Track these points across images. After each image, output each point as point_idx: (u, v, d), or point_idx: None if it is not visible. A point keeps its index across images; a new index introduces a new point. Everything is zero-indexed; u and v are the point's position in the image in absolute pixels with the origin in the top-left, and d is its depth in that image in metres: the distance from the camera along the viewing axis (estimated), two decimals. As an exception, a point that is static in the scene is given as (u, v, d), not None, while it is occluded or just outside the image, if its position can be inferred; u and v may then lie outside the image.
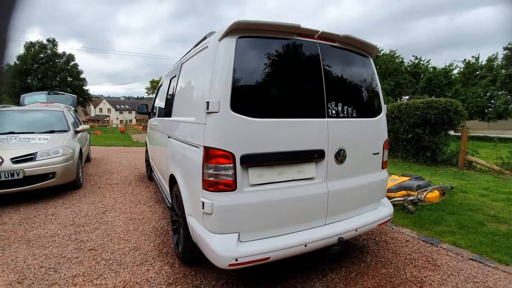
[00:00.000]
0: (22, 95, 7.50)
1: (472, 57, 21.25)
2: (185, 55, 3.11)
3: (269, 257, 1.90)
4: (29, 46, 33.62)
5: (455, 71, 21.80)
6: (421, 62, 23.76)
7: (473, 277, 2.39)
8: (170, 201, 3.28)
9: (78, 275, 2.44)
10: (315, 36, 2.20)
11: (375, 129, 2.54)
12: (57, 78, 36.03)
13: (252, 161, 1.90)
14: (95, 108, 65.93)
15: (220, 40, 1.94)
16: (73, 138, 5.22)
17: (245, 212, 1.91)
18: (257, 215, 1.94)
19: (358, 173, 2.40)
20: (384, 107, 2.65)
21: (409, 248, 2.92)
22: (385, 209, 2.62)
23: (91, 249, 2.90)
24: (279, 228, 2.03)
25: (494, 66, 19.66)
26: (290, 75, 2.10)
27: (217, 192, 1.87)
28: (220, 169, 1.85)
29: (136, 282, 2.33)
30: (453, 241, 3.00)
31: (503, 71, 18.68)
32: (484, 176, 5.89)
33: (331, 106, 2.20)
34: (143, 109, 5.18)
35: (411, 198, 3.90)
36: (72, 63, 37.78)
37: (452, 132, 7.21)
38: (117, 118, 65.61)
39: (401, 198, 3.90)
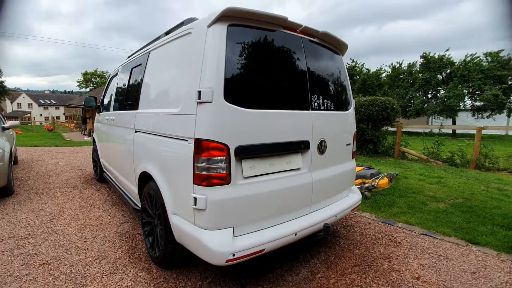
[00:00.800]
0: None
1: (397, 62, 24.45)
2: (153, 43, 2.86)
3: (264, 249, 1.90)
4: None
5: (384, 74, 24.82)
6: (357, 65, 26.43)
7: (427, 249, 2.78)
8: (136, 203, 3.00)
9: (34, 295, 2.07)
10: (298, 30, 2.26)
11: (347, 121, 2.73)
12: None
13: (246, 153, 1.87)
14: (12, 103, 55.86)
15: (209, 26, 1.84)
16: (1, 136, 4.35)
17: (240, 206, 1.87)
18: (250, 208, 1.92)
19: (335, 163, 2.56)
20: (352, 101, 2.87)
21: (372, 230, 3.24)
22: (355, 195, 2.85)
23: (43, 264, 2.48)
24: (271, 219, 2.04)
25: (413, 71, 23.01)
26: (278, 67, 2.11)
27: (211, 186, 1.78)
28: (213, 162, 1.77)
29: (111, 293, 2.08)
30: (405, 220, 3.43)
31: (420, 75, 22.00)
32: (416, 164, 6.85)
33: (314, 99, 2.29)
34: (91, 102, 4.60)
35: (367, 185, 4.32)
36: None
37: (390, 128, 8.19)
38: (41, 115, 56.92)
39: (359, 186, 4.28)
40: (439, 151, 7.27)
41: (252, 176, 1.93)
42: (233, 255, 1.76)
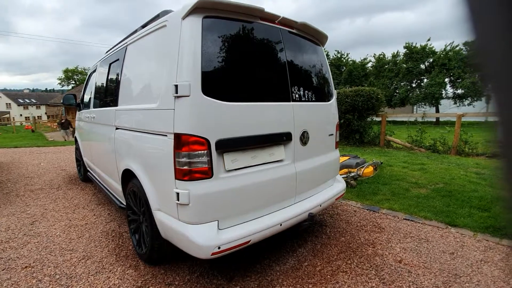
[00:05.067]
0: None
1: (381, 54, 24.81)
2: (129, 37, 2.78)
3: (250, 240, 1.92)
4: None
5: (369, 65, 25.18)
6: (343, 56, 26.65)
7: (409, 233, 2.87)
8: (121, 200, 2.96)
9: (16, 299, 2.03)
10: (276, 21, 2.25)
11: (329, 112, 2.76)
12: None
13: (228, 146, 1.86)
14: (-13, 103, 53.48)
15: (183, 18, 1.80)
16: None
17: (223, 199, 1.87)
18: (234, 200, 1.92)
19: (318, 153, 2.59)
20: (334, 92, 2.90)
21: (358, 217, 3.32)
22: (340, 184, 2.91)
23: (26, 267, 2.43)
24: (256, 211, 2.06)
25: (398, 61, 23.42)
26: (257, 59, 2.11)
27: (193, 181, 1.77)
28: (194, 157, 1.76)
29: (97, 292, 2.06)
30: (389, 206, 3.53)
31: (404, 65, 22.44)
32: (400, 152, 7.03)
33: (295, 90, 2.30)
34: (70, 100, 4.46)
35: (353, 174, 4.41)
36: None
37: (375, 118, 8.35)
38: (21, 115, 54.80)
39: (344, 175, 4.36)
40: (422, 139, 7.47)
41: (235, 169, 1.94)
42: (218, 248, 1.78)
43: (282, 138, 2.19)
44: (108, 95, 3.09)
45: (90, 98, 3.95)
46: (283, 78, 2.22)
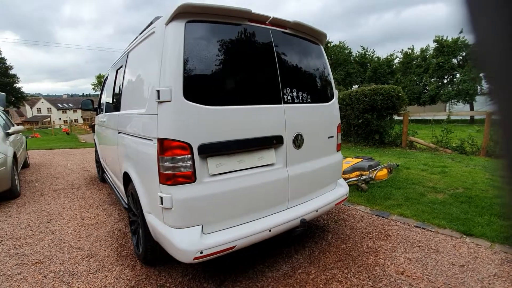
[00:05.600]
0: None
1: (408, 48, 23.50)
2: (131, 43, 2.88)
3: (235, 246, 1.89)
4: None
5: (396, 61, 23.96)
6: (367, 53, 25.63)
7: (418, 242, 2.68)
8: (126, 201, 3.07)
9: (22, 293, 2.17)
10: (267, 22, 2.20)
11: (328, 113, 2.65)
12: (-21, 75, 31.06)
13: (211, 150, 1.85)
14: (31, 108, 58.50)
15: (167, 24, 1.82)
16: (4, 142, 4.56)
17: (207, 204, 1.86)
18: (219, 205, 1.91)
19: (315, 157, 2.50)
20: (335, 92, 2.78)
21: (364, 223, 3.15)
22: (341, 189, 2.78)
23: (36, 263, 2.60)
24: (243, 216, 2.02)
25: (427, 56, 22.05)
26: (244, 62, 2.07)
27: (176, 185, 1.79)
28: (177, 161, 1.77)
29: (92, 290, 2.15)
30: (400, 212, 3.32)
31: (434, 60, 21.07)
32: (423, 154, 6.60)
33: (287, 92, 2.23)
34: (88, 105, 4.72)
35: (364, 177, 4.21)
36: (-2, 57, 32.80)
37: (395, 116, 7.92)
38: (60, 118, 59.26)
39: (355, 178, 4.18)
40: (448, 139, 6.96)
41: (220, 174, 1.92)
42: (201, 252, 1.77)
43: (272, 142, 2.14)
44: (114, 100, 3.23)
45: (103, 103, 4.15)
46: (273, 80, 2.17)
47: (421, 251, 2.51)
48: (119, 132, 2.83)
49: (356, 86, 24.88)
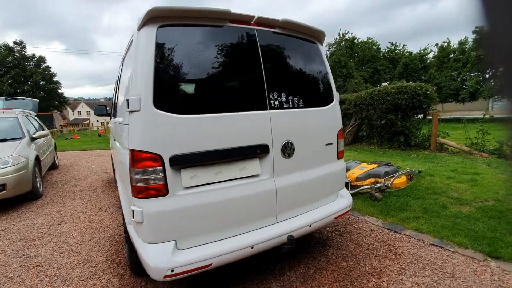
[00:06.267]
0: (-24, 103, 6.97)
1: (444, 42, 21.64)
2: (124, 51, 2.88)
3: (211, 264, 1.76)
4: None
5: (430, 55, 22.23)
6: (397, 48, 24.11)
7: (432, 264, 2.35)
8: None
9: (16, 297, 2.23)
10: (252, 22, 2.04)
11: (326, 118, 2.42)
12: (29, 82, 34.31)
13: (184, 162, 1.74)
14: (73, 111, 63.62)
15: (139, 30, 1.74)
16: (28, 146, 4.88)
17: (181, 218, 1.75)
18: (195, 219, 1.79)
19: (310, 166, 2.29)
20: (336, 95, 2.54)
21: (373, 238, 2.86)
22: (343, 201, 2.53)
23: (36, 266, 2.68)
24: (223, 231, 1.89)
25: (466, 49, 20.19)
26: (224, 66, 1.93)
27: (147, 198, 1.70)
28: (148, 173, 1.68)
29: (77, 300, 2.15)
30: (416, 227, 2.97)
31: (474, 53, 19.21)
32: (454, 158, 5.97)
33: (274, 97, 2.06)
34: (102, 110, 4.86)
35: (378, 185, 3.86)
36: (44, 65, 36.02)
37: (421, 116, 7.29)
38: (98, 121, 63.56)
39: (369, 186, 3.85)
40: (484, 141, 6.23)
41: (195, 186, 1.80)
42: (172, 271, 1.67)
43: (255, 151, 1.97)
44: (113, 107, 3.27)
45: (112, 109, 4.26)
46: (258, 85, 2.00)
47: (434, 275, 2.19)
48: (114, 139, 2.84)
49: (386, 83, 23.55)
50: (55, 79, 36.90)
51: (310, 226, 2.19)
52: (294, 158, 2.16)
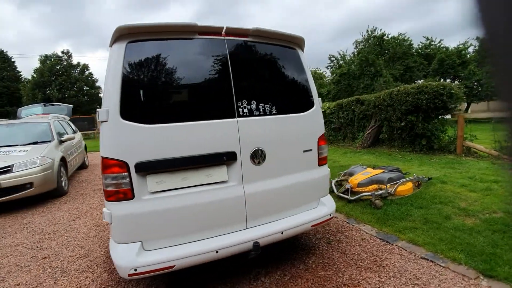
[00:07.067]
0: (19, 109, 7.88)
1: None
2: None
3: (174, 266, 1.85)
4: (44, 59, 35.28)
5: (470, 49, 20.37)
6: (433, 43, 22.43)
7: (415, 279, 2.22)
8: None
9: (21, 284, 2.52)
10: (223, 33, 2.10)
11: (304, 125, 2.40)
12: (74, 88, 37.73)
13: (150, 168, 1.85)
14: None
15: (110, 46, 1.89)
16: (56, 148, 5.42)
17: (147, 221, 1.87)
18: (161, 223, 1.90)
19: (284, 173, 2.28)
20: (317, 100, 2.50)
21: (361, 248, 2.76)
22: (323, 209, 2.48)
23: (45, 257, 3.00)
24: (189, 234, 1.97)
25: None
26: (192, 77, 2.02)
27: (115, 201, 1.84)
28: (116, 179, 1.82)
29: (67, 290, 2.38)
30: (411, 238, 2.80)
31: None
32: (479, 163, 5.47)
33: (242, 105, 2.10)
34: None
35: (380, 192, 3.69)
36: (87, 72, 39.37)
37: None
38: (134, 122, 67.69)
39: (369, 193, 3.70)
40: (517, 145, 5.60)
41: (162, 191, 1.91)
42: (135, 270, 1.79)
43: (222, 159, 2.03)
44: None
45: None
46: (226, 94, 2.06)
47: (414, 291, 2.07)
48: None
49: (419, 81, 22.05)
50: (97, 84, 40.07)
51: (282, 233, 2.19)
52: (266, 165, 2.18)
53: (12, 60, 35.97)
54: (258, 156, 2.14)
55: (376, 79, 18.40)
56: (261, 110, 2.18)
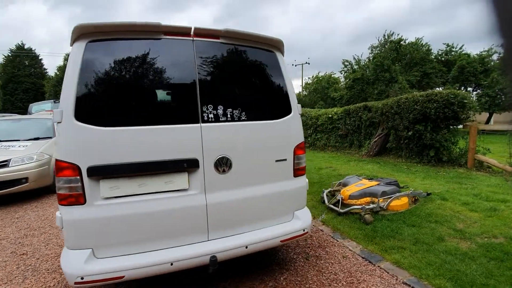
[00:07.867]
0: (30, 104, 8.16)
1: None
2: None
3: (123, 276, 1.76)
4: (67, 57, 36.82)
5: (494, 57, 19.26)
6: (454, 49, 21.45)
7: (391, 306, 2.02)
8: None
9: (-8, 280, 2.52)
10: (192, 34, 2.01)
11: (278, 132, 2.26)
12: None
13: (102, 173, 1.78)
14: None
15: (71, 45, 1.84)
16: (55, 144, 5.52)
17: (99, 227, 1.79)
18: (113, 230, 1.81)
19: (252, 183, 2.15)
20: (295, 106, 2.35)
21: (340, 267, 2.57)
22: (297, 223, 2.32)
23: (23, 254, 3.00)
24: (143, 243, 1.88)
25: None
26: (153, 78, 1.94)
27: (67, 206, 1.78)
28: (68, 182, 1.76)
29: (30, 291, 2.34)
30: (397, 259, 2.58)
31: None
32: (490, 179, 5.08)
33: (208, 109, 1.99)
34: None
35: (371, 206, 3.47)
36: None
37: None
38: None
39: (359, 206, 3.49)
40: (534, 162, 5.18)
41: (116, 197, 1.83)
42: (82, 278, 1.71)
43: (182, 165, 1.93)
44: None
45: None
46: (190, 97, 1.96)
47: (386, 322, 1.88)
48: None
49: (438, 88, 21.16)
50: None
51: (246, 247, 2.05)
52: (232, 174, 2.05)
53: (40, 58, 37.69)
54: (223, 164, 2.02)
55: (391, 85, 17.80)
56: (229, 116, 2.06)
